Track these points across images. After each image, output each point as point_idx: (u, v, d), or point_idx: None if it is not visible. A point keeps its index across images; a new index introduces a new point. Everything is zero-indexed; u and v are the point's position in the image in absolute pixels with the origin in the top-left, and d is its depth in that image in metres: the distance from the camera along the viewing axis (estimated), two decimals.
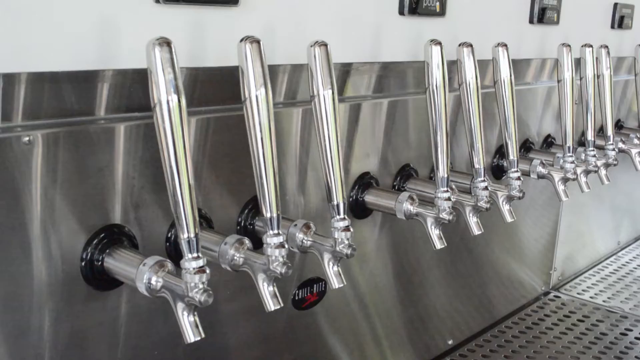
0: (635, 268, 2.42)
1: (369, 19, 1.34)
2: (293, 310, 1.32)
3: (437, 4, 1.43)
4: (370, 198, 1.37)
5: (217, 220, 1.14)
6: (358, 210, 1.38)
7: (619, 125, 2.35)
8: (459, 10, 1.53)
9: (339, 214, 1.09)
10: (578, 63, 1.75)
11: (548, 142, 1.96)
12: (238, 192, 1.16)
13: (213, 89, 1.14)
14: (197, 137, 1.11)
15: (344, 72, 1.38)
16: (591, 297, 2.13)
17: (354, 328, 1.49)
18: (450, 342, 1.75)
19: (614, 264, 2.43)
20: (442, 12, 1.46)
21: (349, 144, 1.39)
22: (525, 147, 1.86)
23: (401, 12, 1.38)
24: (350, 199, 1.37)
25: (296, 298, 1.30)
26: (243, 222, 1.16)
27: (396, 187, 1.46)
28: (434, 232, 1.29)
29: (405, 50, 1.42)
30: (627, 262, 2.47)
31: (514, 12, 1.74)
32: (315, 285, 1.33)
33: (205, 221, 1.11)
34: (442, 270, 1.71)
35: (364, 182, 1.38)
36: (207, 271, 0.90)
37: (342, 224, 1.09)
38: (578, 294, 2.15)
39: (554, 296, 2.11)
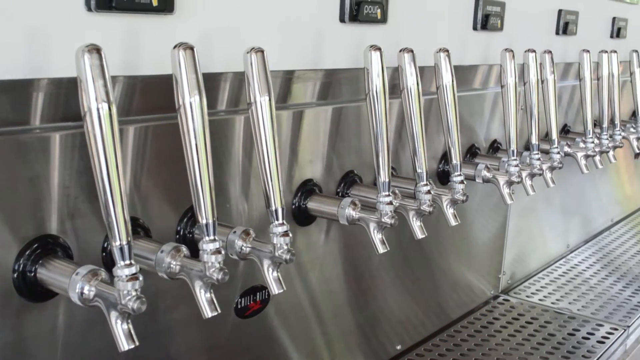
0: (584, 270, 2.46)
1: (310, 26, 1.35)
2: (239, 318, 1.31)
3: (379, 11, 1.44)
4: (313, 205, 1.37)
5: (156, 229, 1.13)
6: (301, 217, 1.38)
7: (565, 130, 2.39)
8: (401, 17, 1.55)
9: (277, 219, 1.09)
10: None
11: (494, 147, 1.98)
12: (177, 201, 1.16)
13: (152, 97, 1.13)
14: (135, 146, 1.11)
15: (287, 79, 1.38)
16: (540, 300, 2.16)
17: (300, 335, 1.49)
18: (398, 347, 1.76)
19: (563, 267, 2.47)
20: (383, 19, 1.47)
21: (293, 150, 1.39)
22: (472, 152, 1.88)
23: (342, 20, 1.39)
24: (293, 206, 1.37)
25: (239, 306, 1.29)
26: (182, 230, 1.15)
27: (340, 194, 1.47)
28: (377, 237, 1.30)
29: (347, 57, 1.43)
30: (576, 265, 2.51)
31: (457, 19, 1.76)
32: (258, 294, 1.32)
33: (143, 230, 1.10)
34: (391, 275, 1.72)
35: (307, 188, 1.38)
36: (140, 278, 0.89)
37: (280, 230, 1.09)
38: (527, 296, 2.18)
39: (503, 299, 2.14)
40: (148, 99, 1.13)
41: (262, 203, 1.31)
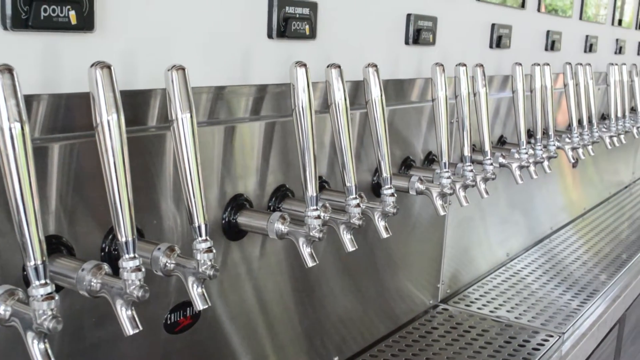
0: (523, 278, 2.50)
1: (237, 42, 1.36)
2: (169, 334, 1.31)
3: (307, 26, 1.46)
4: (243, 219, 1.38)
5: (81, 246, 1.13)
6: (232, 232, 1.39)
7: (502, 141, 2.44)
8: (331, 33, 1.57)
9: (200, 235, 1.10)
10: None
11: (430, 159, 2.01)
12: (103, 218, 1.16)
13: (76, 115, 1.13)
14: (61, 163, 1.11)
15: (218, 95, 1.39)
16: (478, 308, 2.20)
17: (236, 348, 1.49)
18: (335, 359, 1.77)
19: (502, 275, 2.51)
20: (312, 35, 1.49)
21: (225, 165, 1.40)
22: (407, 164, 1.91)
23: (270, 36, 1.40)
24: (223, 221, 1.38)
25: (168, 322, 1.29)
26: (107, 247, 1.15)
27: (271, 208, 1.48)
28: (305, 251, 1.31)
29: (276, 73, 1.45)
30: (515, 273, 2.55)
31: (389, 34, 1.79)
32: (189, 309, 1.33)
33: (66, 248, 1.10)
34: (329, 287, 1.74)
35: (237, 203, 1.39)
36: (56, 297, 0.89)
37: (204, 246, 1.10)
38: (466, 305, 2.21)
39: (442, 309, 2.17)
40: (73, 117, 1.13)
41: None
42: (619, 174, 4.07)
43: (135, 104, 1.24)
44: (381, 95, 1.49)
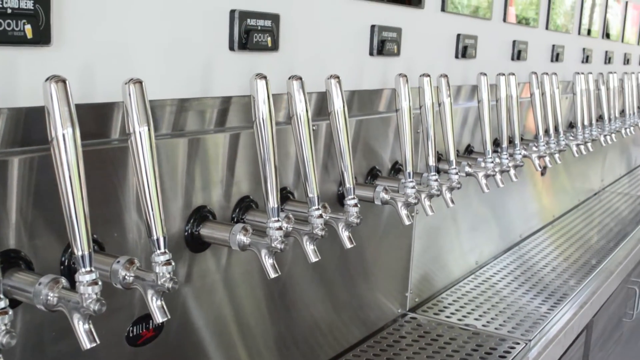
0: (492, 286, 2.52)
1: (199, 55, 1.37)
2: (131, 347, 1.31)
3: (269, 39, 1.47)
4: (205, 231, 1.38)
5: (41, 260, 1.13)
6: (194, 243, 1.39)
7: (469, 150, 2.46)
8: (294, 45, 1.58)
9: (159, 248, 1.10)
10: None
11: (396, 169, 2.02)
12: (63, 232, 1.15)
13: (36, 128, 1.13)
14: (20, 177, 1.10)
15: (182, 107, 1.40)
16: (447, 317, 2.21)
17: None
18: None
19: (471, 283, 2.53)
20: (274, 47, 1.50)
21: (190, 177, 1.41)
22: (373, 174, 1.92)
23: (231, 48, 1.41)
24: (186, 233, 1.38)
25: (130, 335, 1.29)
26: (67, 261, 1.15)
27: (235, 219, 1.48)
28: (267, 262, 1.32)
29: (238, 85, 1.45)
30: (483, 281, 2.57)
31: (353, 45, 1.80)
32: (151, 321, 1.32)
33: (24, 263, 1.10)
34: (298, 296, 1.74)
35: (200, 215, 1.39)
36: (10, 313, 0.89)
37: (162, 258, 1.10)
38: (435, 314, 2.23)
39: (411, 317, 2.18)
40: (32, 130, 1.13)
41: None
42: (588, 181, 4.11)
43: (98, 117, 1.24)
44: (343, 107, 1.50)
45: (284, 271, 1.67)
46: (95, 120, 1.24)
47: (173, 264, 1.10)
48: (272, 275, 1.32)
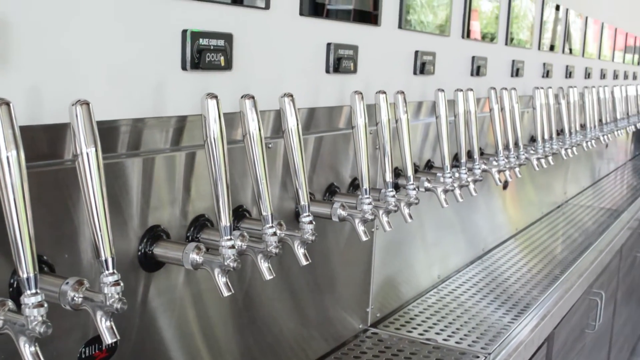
0: (453, 300, 2.54)
1: (150, 75, 1.37)
2: None
3: (222, 58, 1.48)
4: (159, 250, 1.38)
5: None
6: (148, 263, 1.39)
7: (429, 165, 2.48)
8: (248, 64, 1.59)
9: (107, 269, 1.10)
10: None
11: (355, 185, 2.04)
12: (11, 253, 1.15)
13: None
14: None
15: (137, 127, 1.40)
16: (408, 331, 2.22)
17: None
18: None
19: (433, 297, 2.55)
20: (227, 66, 1.51)
21: (145, 197, 1.41)
22: (331, 190, 1.93)
23: (184, 68, 1.42)
24: (139, 253, 1.38)
25: (83, 356, 1.29)
26: (15, 283, 1.15)
27: (190, 238, 1.48)
28: (220, 281, 1.32)
29: (191, 105, 1.46)
30: (446, 295, 2.59)
31: (309, 63, 1.82)
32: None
33: None
34: (258, 313, 1.74)
35: (154, 234, 1.39)
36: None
37: (111, 279, 1.10)
38: (396, 329, 2.24)
39: (372, 333, 2.19)
40: None
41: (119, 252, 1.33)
42: (552, 193, 4.16)
43: (50, 138, 1.24)
44: (297, 125, 1.51)
45: (244, 287, 1.68)
46: (48, 141, 1.24)
47: (122, 284, 1.10)
48: (225, 293, 1.32)
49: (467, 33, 2.65)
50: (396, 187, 2.18)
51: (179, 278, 1.50)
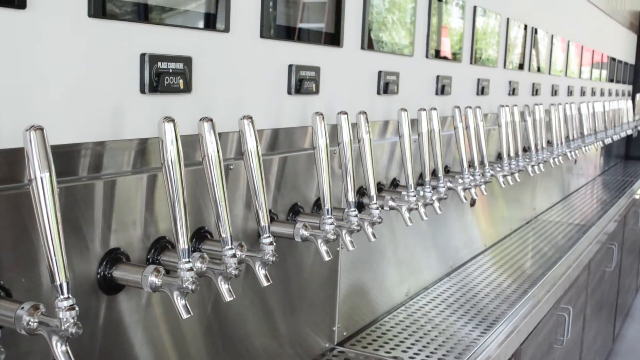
0: (421, 317, 2.56)
1: (108, 98, 1.38)
2: None
3: (181, 81, 1.49)
4: (118, 273, 1.39)
5: None
6: (107, 286, 1.39)
7: (395, 184, 2.50)
8: (209, 86, 1.60)
9: (62, 294, 1.11)
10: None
11: (319, 205, 2.05)
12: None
13: None
14: None
15: (98, 150, 1.40)
16: (375, 350, 2.23)
17: None
18: None
19: (400, 315, 2.56)
20: (187, 89, 1.52)
21: (106, 219, 1.41)
22: (294, 210, 1.94)
23: (142, 91, 1.43)
24: (98, 276, 1.38)
25: None
26: None
27: (150, 260, 1.49)
28: (179, 303, 1.33)
29: (151, 127, 1.47)
30: (413, 312, 2.60)
31: (271, 84, 1.83)
32: None
33: None
34: (223, 332, 1.74)
35: (113, 257, 1.40)
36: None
37: (66, 304, 1.10)
38: (363, 347, 2.25)
39: (338, 352, 2.20)
40: None
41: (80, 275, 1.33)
42: (521, 209, 4.21)
43: (8, 162, 1.25)
44: (257, 146, 1.53)
45: (210, 306, 1.68)
46: (6, 165, 1.24)
47: (77, 309, 1.11)
48: (184, 316, 1.33)
49: (431, 53, 2.68)
50: (362, 206, 2.20)
51: (142, 299, 1.50)
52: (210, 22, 1.59)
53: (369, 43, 2.23)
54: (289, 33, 1.86)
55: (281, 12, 1.81)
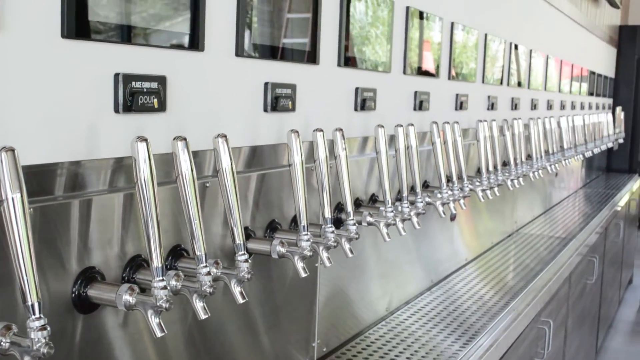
0: (400, 332, 2.57)
1: (83, 118, 1.39)
2: None
3: (155, 100, 1.50)
4: (93, 292, 1.39)
5: None
6: (82, 305, 1.39)
7: (373, 199, 2.52)
8: (183, 105, 1.61)
9: (34, 314, 1.11)
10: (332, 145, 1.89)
11: (297, 221, 2.05)
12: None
13: None
14: None
15: (73, 169, 1.41)
16: None
17: None
18: None
19: (380, 330, 2.57)
20: (161, 108, 1.53)
21: (82, 238, 1.42)
22: (272, 227, 1.95)
23: (116, 111, 1.44)
24: (73, 295, 1.38)
25: None
26: None
27: (126, 279, 1.49)
28: (154, 322, 1.33)
29: (125, 146, 1.47)
30: (393, 327, 2.61)
31: (246, 102, 1.84)
32: None
33: None
34: (203, 348, 1.74)
35: (88, 276, 1.40)
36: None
37: (37, 324, 1.11)
38: None
39: None
40: None
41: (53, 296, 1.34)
42: (503, 223, 4.23)
43: None
44: (231, 164, 1.54)
45: (187, 321, 1.68)
46: None
47: (48, 329, 1.11)
48: (158, 334, 1.33)
49: (408, 69, 2.71)
50: (340, 222, 2.21)
51: (118, 318, 1.50)
52: (184, 42, 1.61)
53: (345, 60, 2.25)
54: (265, 51, 1.87)
55: (257, 31, 1.83)
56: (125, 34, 1.45)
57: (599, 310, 5.55)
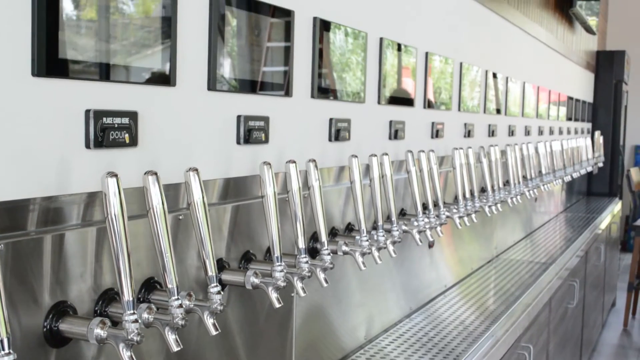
0: (381, 359, 2.58)
1: (53, 154, 1.41)
2: None
3: (126, 135, 1.53)
4: (64, 326, 1.40)
5: None
6: (54, 339, 1.40)
7: (349, 228, 2.54)
8: (156, 139, 1.64)
9: (3, 349, 1.12)
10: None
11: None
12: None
13: None
14: None
15: (45, 205, 1.43)
16: None
17: None
18: None
19: (360, 357, 2.58)
20: (133, 143, 1.55)
21: (54, 272, 1.43)
22: (247, 258, 1.97)
23: (87, 146, 1.46)
24: (44, 329, 1.39)
25: None
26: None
27: (98, 312, 1.50)
28: (125, 355, 1.34)
29: (96, 181, 1.49)
30: (374, 354, 2.63)
31: (219, 135, 1.87)
32: None
33: None
34: None
35: (60, 310, 1.41)
36: None
37: (7, 359, 1.12)
38: None
39: None
40: None
41: (17, 330, 1.34)
42: (482, 249, 4.26)
43: None
44: (203, 198, 1.56)
45: (164, 353, 1.69)
46: None
47: None
48: None
49: (382, 99, 2.74)
50: (316, 251, 2.23)
51: (90, 351, 1.51)
52: (155, 77, 1.63)
53: (319, 91, 2.28)
54: (237, 84, 1.90)
55: (229, 65, 1.86)
56: (97, 71, 1.48)
57: (582, 334, 5.57)
